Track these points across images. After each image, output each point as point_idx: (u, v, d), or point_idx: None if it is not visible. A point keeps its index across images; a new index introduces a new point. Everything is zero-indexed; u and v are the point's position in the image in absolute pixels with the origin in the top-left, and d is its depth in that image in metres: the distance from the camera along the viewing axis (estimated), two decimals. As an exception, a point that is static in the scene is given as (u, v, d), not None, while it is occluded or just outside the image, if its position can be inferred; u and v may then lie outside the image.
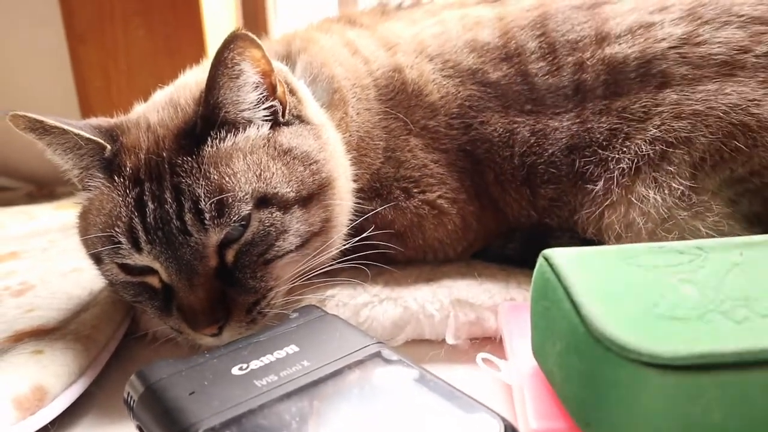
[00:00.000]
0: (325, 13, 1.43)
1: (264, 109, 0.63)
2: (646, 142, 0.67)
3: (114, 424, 0.56)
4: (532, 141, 0.73)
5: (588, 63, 0.71)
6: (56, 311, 0.70)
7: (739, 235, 0.63)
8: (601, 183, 0.70)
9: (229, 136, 0.60)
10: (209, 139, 0.60)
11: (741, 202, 0.65)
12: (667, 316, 0.41)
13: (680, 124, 0.66)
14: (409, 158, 0.74)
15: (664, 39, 0.69)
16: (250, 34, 0.58)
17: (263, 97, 0.63)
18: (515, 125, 0.73)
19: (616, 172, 0.68)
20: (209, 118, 0.60)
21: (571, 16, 0.74)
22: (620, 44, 0.71)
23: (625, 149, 0.68)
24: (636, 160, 0.68)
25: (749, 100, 0.64)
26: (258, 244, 0.59)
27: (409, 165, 0.73)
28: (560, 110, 0.72)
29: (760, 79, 0.65)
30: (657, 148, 0.67)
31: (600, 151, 0.70)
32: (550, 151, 0.72)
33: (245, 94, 0.61)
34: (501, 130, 0.73)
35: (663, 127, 0.67)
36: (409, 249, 0.75)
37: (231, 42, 0.57)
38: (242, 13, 1.43)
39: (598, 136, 0.70)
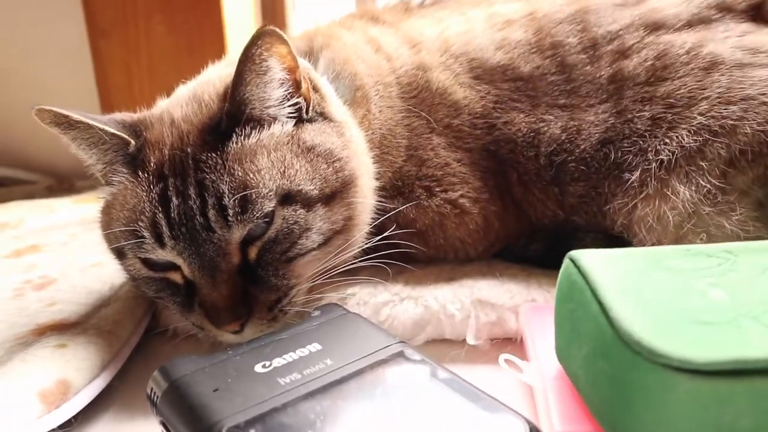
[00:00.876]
0: (343, 9, 1.43)
1: (289, 105, 0.63)
2: (690, 132, 0.66)
3: (136, 419, 0.57)
4: (563, 138, 0.72)
5: (634, 49, 0.71)
6: (77, 305, 0.70)
7: (764, 237, 0.62)
8: (637, 174, 0.69)
9: (254, 132, 0.60)
10: (234, 136, 0.60)
11: None
12: (697, 320, 0.40)
13: (730, 110, 0.65)
14: (431, 156, 0.73)
15: (722, 32, 0.69)
16: (277, 30, 0.58)
17: (289, 93, 0.63)
18: (543, 124, 0.72)
19: (655, 163, 0.68)
20: (235, 115, 0.60)
21: (613, 11, 0.74)
22: (680, 34, 0.71)
23: (667, 140, 0.67)
24: (676, 152, 0.67)
25: None
26: (281, 242, 0.59)
27: (431, 163, 0.73)
28: (596, 101, 0.72)
29: None
30: (700, 138, 0.66)
31: (640, 141, 0.69)
32: (582, 146, 0.71)
33: (272, 90, 0.61)
34: (525, 130, 0.73)
35: (711, 113, 0.66)
36: (431, 248, 0.75)
37: (259, 38, 0.57)
38: (262, 11, 1.44)
39: (639, 126, 0.69)
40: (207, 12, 1.25)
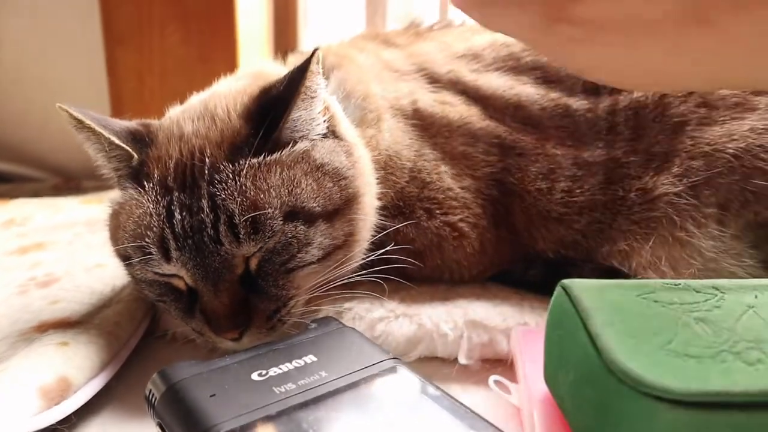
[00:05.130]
0: (354, 24, 1.46)
1: (320, 124, 0.65)
2: (673, 176, 0.69)
3: (132, 419, 0.58)
4: (575, 172, 0.74)
5: (621, 106, 0.74)
6: (80, 305, 0.71)
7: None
8: (641, 214, 0.71)
9: (279, 150, 0.62)
10: (262, 156, 0.61)
11: (763, 248, 0.66)
12: (681, 352, 0.41)
13: (697, 164, 0.68)
14: (434, 180, 0.75)
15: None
16: (321, 54, 0.61)
17: (321, 113, 0.65)
18: (557, 158, 0.74)
19: (661, 201, 0.70)
20: (279, 140, 0.62)
21: None
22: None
23: (657, 182, 0.70)
24: (676, 193, 0.69)
25: (758, 145, 0.66)
26: (280, 253, 0.60)
27: (434, 186, 0.75)
28: (595, 146, 0.74)
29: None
30: (685, 183, 0.68)
31: (635, 182, 0.71)
32: (592, 181, 0.73)
33: (316, 112, 0.64)
34: (542, 161, 0.75)
35: (683, 167, 0.68)
36: (427, 267, 0.76)
37: (311, 63, 0.60)
38: (274, 26, 1.46)
39: (632, 171, 0.72)
40: (221, 23, 1.27)
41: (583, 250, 0.75)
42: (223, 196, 0.58)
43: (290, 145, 0.63)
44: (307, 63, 0.60)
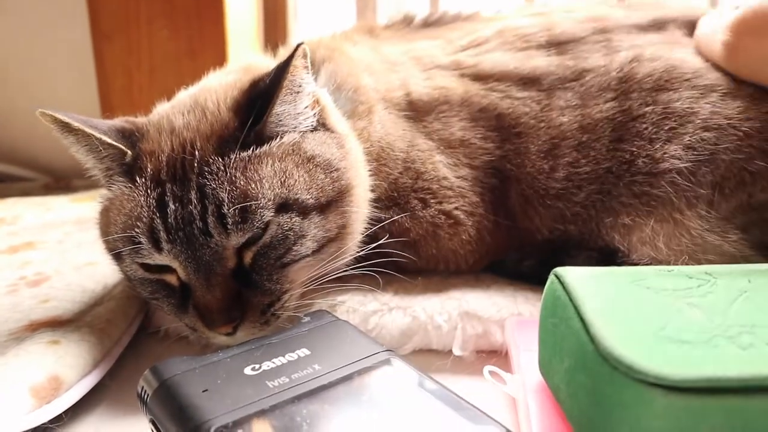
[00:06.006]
0: (344, 18, 1.45)
1: (308, 117, 0.65)
2: (683, 148, 0.69)
3: (125, 416, 0.58)
4: (583, 138, 0.73)
5: (646, 58, 0.74)
6: (71, 303, 0.71)
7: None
8: (648, 187, 0.70)
9: (266, 143, 0.62)
10: (251, 149, 0.61)
11: (752, 231, 0.66)
12: (674, 338, 0.41)
13: (708, 135, 0.68)
14: (429, 170, 0.75)
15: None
16: (307, 49, 0.61)
17: (310, 105, 0.65)
18: (563, 127, 0.74)
19: (664, 179, 0.69)
20: (263, 133, 0.62)
21: (635, 32, 0.77)
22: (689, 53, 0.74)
23: (667, 152, 0.69)
24: (680, 170, 0.68)
25: None
26: (276, 247, 0.60)
27: (428, 176, 0.74)
28: (603, 100, 0.74)
29: None
30: (691, 159, 0.68)
31: (648, 145, 0.71)
32: (597, 146, 0.73)
33: (301, 105, 0.64)
34: (545, 137, 0.75)
35: (694, 136, 0.68)
36: (422, 258, 0.76)
37: (296, 57, 0.60)
38: (264, 18, 1.45)
39: (644, 127, 0.71)
40: (209, 18, 1.27)
41: (584, 223, 0.74)
42: (213, 186, 0.58)
43: (278, 138, 0.62)
44: (290, 58, 0.60)
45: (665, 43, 0.76)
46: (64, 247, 0.93)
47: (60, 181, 1.42)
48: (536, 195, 0.75)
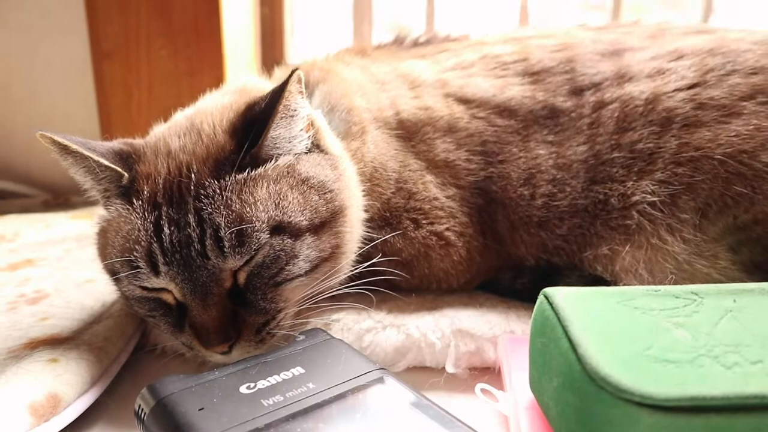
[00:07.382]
0: (340, 38, 1.47)
1: (303, 140, 0.66)
2: (656, 183, 0.70)
3: (122, 435, 0.58)
4: (557, 175, 0.75)
5: (607, 100, 0.75)
6: (70, 321, 0.72)
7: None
8: (626, 220, 0.72)
9: (262, 165, 0.63)
10: (246, 172, 0.61)
11: (741, 251, 0.67)
12: (660, 358, 0.42)
13: (681, 170, 0.69)
14: (420, 190, 0.76)
15: (674, 82, 0.72)
16: (301, 74, 0.62)
17: (304, 128, 0.66)
18: (539, 160, 0.75)
19: (640, 209, 0.71)
20: (259, 157, 0.63)
21: (595, 61, 0.78)
22: (638, 85, 0.74)
23: (641, 189, 0.71)
24: (655, 201, 0.70)
25: (742, 151, 0.67)
26: (269, 267, 0.61)
27: (420, 197, 0.76)
28: (576, 143, 0.75)
29: (752, 126, 0.67)
30: (665, 191, 0.69)
31: (620, 186, 0.72)
32: (573, 183, 0.74)
33: (296, 129, 0.65)
34: (524, 166, 0.76)
35: (666, 172, 0.69)
36: (415, 277, 0.77)
37: (291, 82, 0.61)
38: (261, 37, 1.47)
39: (614, 171, 0.73)
40: (207, 37, 1.29)
41: (567, 256, 0.76)
42: (209, 210, 0.59)
43: (273, 160, 0.63)
44: (285, 83, 0.61)
45: (616, 77, 0.77)
46: (64, 264, 0.94)
47: (59, 197, 1.43)
48: (521, 222, 0.76)
